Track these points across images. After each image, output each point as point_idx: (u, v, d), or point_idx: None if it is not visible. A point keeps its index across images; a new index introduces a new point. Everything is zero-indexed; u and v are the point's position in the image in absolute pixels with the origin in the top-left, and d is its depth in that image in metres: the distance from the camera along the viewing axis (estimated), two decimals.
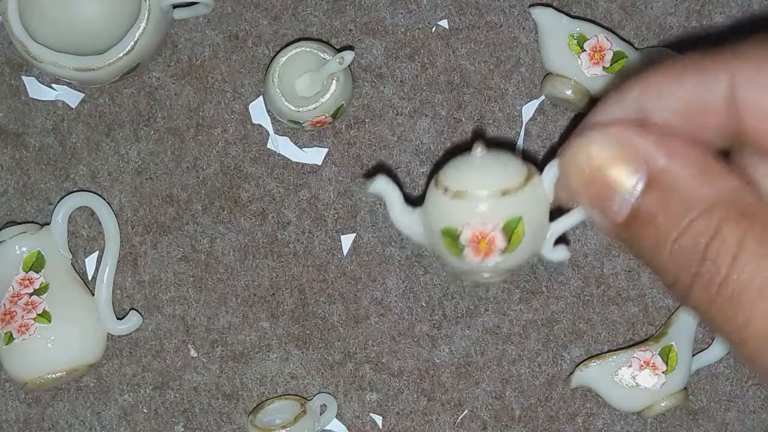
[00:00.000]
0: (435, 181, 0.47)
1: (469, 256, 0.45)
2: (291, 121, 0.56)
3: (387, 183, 0.48)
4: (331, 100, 0.55)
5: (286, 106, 0.55)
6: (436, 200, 0.46)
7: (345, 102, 0.56)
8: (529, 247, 0.47)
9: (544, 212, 0.47)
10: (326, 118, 0.55)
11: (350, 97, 0.57)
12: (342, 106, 0.56)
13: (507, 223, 0.45)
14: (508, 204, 0.45)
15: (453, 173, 0.46)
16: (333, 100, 0.55)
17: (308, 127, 0.56)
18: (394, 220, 0.49)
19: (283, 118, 0.56)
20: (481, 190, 0.45)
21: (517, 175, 0.45)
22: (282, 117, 0.56)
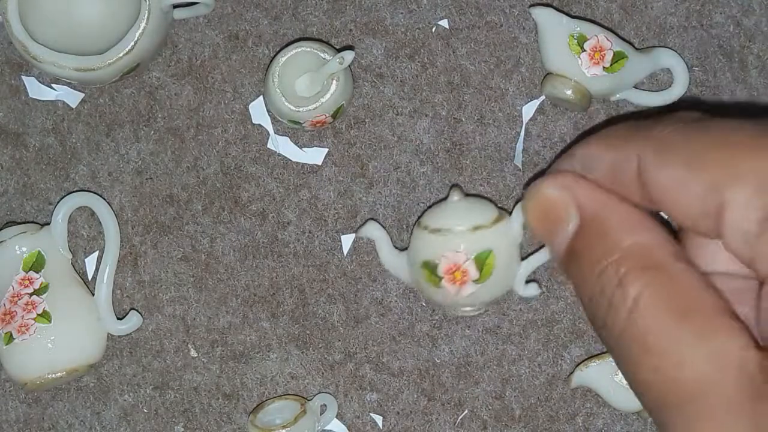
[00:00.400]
0: (418, 223, 0.54)
1: (446, 285, 0.50)
2: (291, 121, 0.56)
3: (376, 228, 0.55)
4: (331, 100, 0.55)
5: (286, 106, 0.55)
6: (418, 237, 0.53)
7: (345, 102, 0.56)
8: (501, 280, 0.52)
9: (515, 249, 0.53)
10: (326, 118, 0.55)
11: (350, 97, 0.57)
12: (342, 106, 0.56)
13: (478, 255, 0.51)
14: (480, 238, 0.51)
15: (433, 214, 0.53)
16: (333, 100, 0.55)
17: (308, 127, 0.56)
18: (382, 261, 0.56)
19: (283, 118, 0.56)
20: (456, 226, 0.51)
21: (488, 215, 0.52)
22: (282, 117, 0.56)
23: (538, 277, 0.58)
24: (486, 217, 0.52)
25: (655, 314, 0.27)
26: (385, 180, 0.59)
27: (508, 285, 0.53)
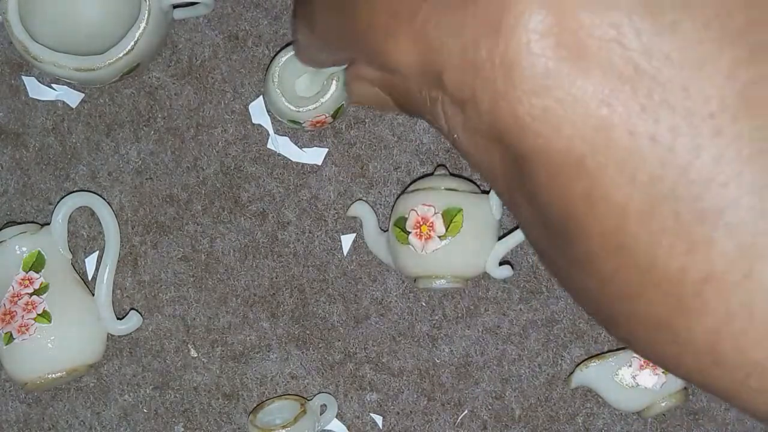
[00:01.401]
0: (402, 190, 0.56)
1: (413, 240, 0.52)
2: (291, 121, 0.56)
3: (364, 208, 0.57)
4: (331, 100, 0.55)
5: (286, 106, 0.55)
6: (397, 200, 0.55)
7: (345, 102, 0.56)
8: (471, 248, 0.54)
9: (489, 225, 0.55)
10: (326, 118, 0.55)
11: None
12: (342, 106, 0.56)
13: (447, 210, 0.53)
14: (451, 197, 0.54)
15: (415, 182, 0.56)
16: (333, 100, 0.55)
17: (308, 128, 0.56)
18: (366, 239, 0.57)
19: (283, 118, 0.56)
20: (431, 186, 0.54)
21: (465, 186, 0.55)
22: (282, 117, 0.56)
23: (538, 275, 0.58)
24: (463, 186, 0.55)
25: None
26: (385, 180, 0.59)
27: (481, 261, 0.54)
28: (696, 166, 0.25)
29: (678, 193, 0.25)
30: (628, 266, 0.27)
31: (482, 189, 0.57)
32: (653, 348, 0.28)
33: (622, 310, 0.28)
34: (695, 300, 0.26)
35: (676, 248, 0.25)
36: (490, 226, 0.55)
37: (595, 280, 0.28)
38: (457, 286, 0.55)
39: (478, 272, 0.55)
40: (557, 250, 0.29)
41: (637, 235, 0.26)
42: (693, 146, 0.25)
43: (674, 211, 0.25)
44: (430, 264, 0.54)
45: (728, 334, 0.25)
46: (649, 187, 0.25)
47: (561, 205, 0.27)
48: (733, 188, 0.25)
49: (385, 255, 0.57)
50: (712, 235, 0.25)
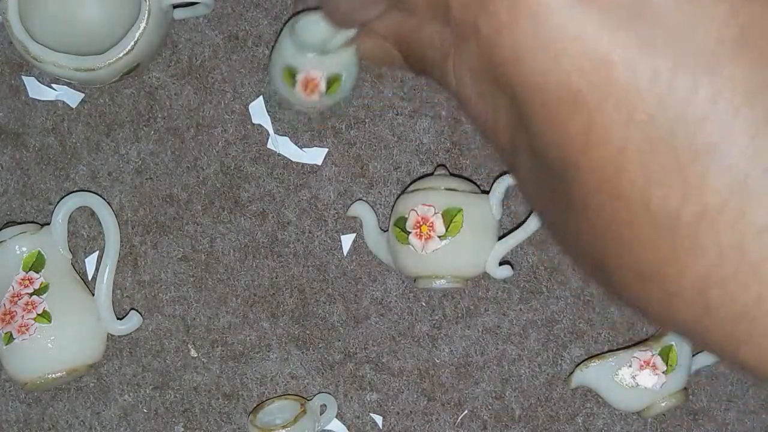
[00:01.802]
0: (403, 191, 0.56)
1: (413, 240, 0.52)
2: (287, 72, 0.53)
3: (364, 208, 0.56)
4: (334, 61, 0.52)
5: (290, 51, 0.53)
6: (398, 200, 0.55)
7: (344, 78, 0.53)
8: (471, 248, 0.54)
9: (489, 225, 0.55)
10: (319, 80, 0.53)
11: (352, 84, 0.55)
12: (340, 79, 0.53)
13: (447, 210, 0.53)
14: (452, 197, 0.54)
15: (415, 183, 0.56)
16: (336, 63, 0.53)
17: (300, 93, 0.53)
18: (366, 238, 0.56)
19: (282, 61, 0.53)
20: (431, 186, 0.54)
21: (466, 186, 0.55)
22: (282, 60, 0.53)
23: (538, 275, 0.58)
24: (463, 186, 0.55)
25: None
26: (385, 180, 0.59)
27: (481, 261, 0.54)
28: (693, 105, 0.25)
29: (675, 132, 0.25)
30: (623, 209, 0.27)
31: (482, 189, 0.57)
32: (644, 299, 0.28)
33: (614, 259, 0.28)
34: (688, 242, 0.26)
35: (672, 188, 0.26)
36: (490, 226, 0.55)
37: (591, 226, 0.28)
38: (457, 286, 0.55)
39: (478, 272, 0.55)
40: (554, 201, 0.30)
41: (634, 176, 0.26)
42: (691, 85, 0.25)
43: (671, 150, 0.25)
44: (430, 264, 0.54)
45: (719, 278, 0.26)
46: (647, 125, 0.25)
47: (559, 147, 0.27)
48: (729, 127, 0.25)
49: (385, 255, 0.57)
50: (706, 174, 0.25)
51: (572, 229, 0.29)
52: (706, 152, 0.25)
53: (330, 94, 0.54)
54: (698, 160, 0.25)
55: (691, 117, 0.25)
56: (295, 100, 0.54)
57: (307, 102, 0.54)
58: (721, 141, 0.25)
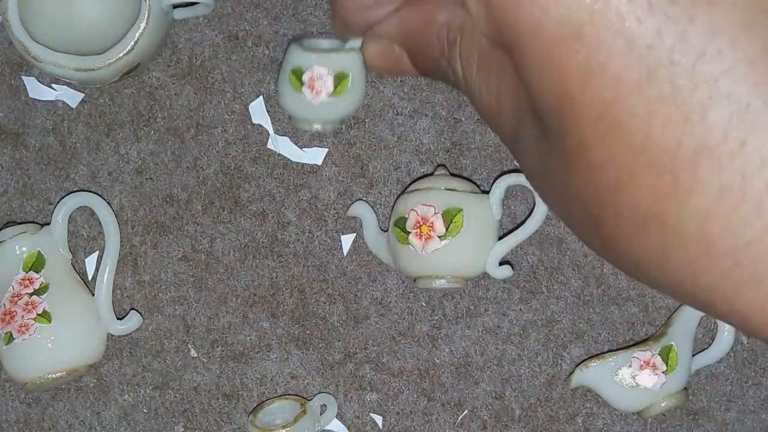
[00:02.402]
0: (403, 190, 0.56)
1: (413, 240, 0.52)
2: (293, 76, 0.53)
3: (365, 208, 0.57)
4: (342, 58, 0.52)
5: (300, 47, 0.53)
6: (398, 200, 0.55)
7: (351, 80, 0.53)
8: (471, 248, 0.54)
9: (489, 225, 0.55)
10: (326, 76, 0.53)
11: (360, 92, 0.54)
12: (347, 78, 0.53)
13: (447, 210, 0.53)
14: (451, 197, 0.54)
15: (415, 183, 0.56)
16: (343, 60, 0.53)
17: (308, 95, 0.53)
18: (366, 239, 0.57)
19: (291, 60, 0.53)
20: (431, 186, 0.54)
21: (465, 186, 0.55)
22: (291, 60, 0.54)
23: (538, 275, 0.58)
24: (463, 186, 0.55)
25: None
26: (385, 180, 0.59)
27: (481, 261, 0.54)
28: (691, 34, 0.25)
29: (674, 60, 0.25)
30: (621, 148, 0.27)
31: (482, 189, 0.57)
32: (641, 248, 0.28)
33: (610, 205, 0.28)
34: (688, 176, 0.25)
35: (671, 118, 0.25)
36: (490, 226, 0.55)
37: (587, 172, 0.28)
38: (457, 286, 0.55)
39: (478, 272, 0.55)
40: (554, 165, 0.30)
41: (632, 108, 0.26)
42: (689, 16, 0.25)
43: (670, 79, 0.25)
44: (430, 264, 0.54)
45: (719, 213, 0.25)
46: (645, 54, 0.25)
47: (558, 87, 0.27)
48: (728, 56, 0.25)
49: (385, 255, 0.57)
50: (706, 103, 0.25)
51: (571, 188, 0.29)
52: (706, 82, 0.25)
53: (337, 94, 0.53)
54: (698, 90, 0.25)
55: (690, 46, 0.25)
56: (302, 107, 0.54)
57: (314, 105, 0.53)
58: (721, 70, 0.25)
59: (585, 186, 0.28)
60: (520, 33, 0.28)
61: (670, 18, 0.25)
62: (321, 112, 0.53)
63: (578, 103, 0.27)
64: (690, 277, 0.27)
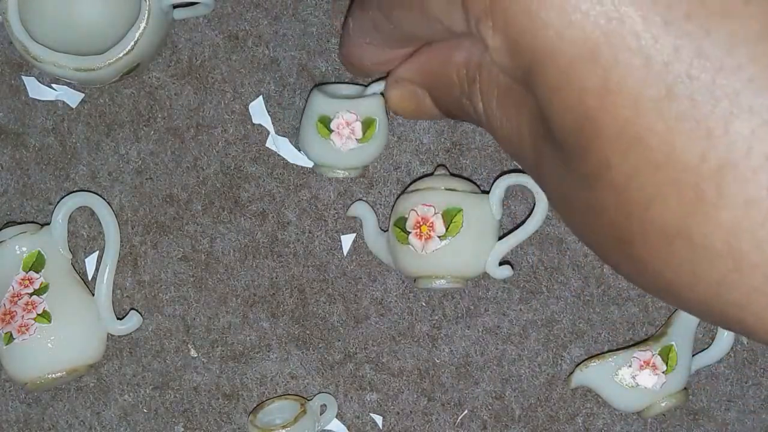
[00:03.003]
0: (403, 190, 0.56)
1: (413, 240, 0.52)
2: (320, 120, 0.54)
3: (364, 208, 0.57)
4: (368, 100, 0.54)
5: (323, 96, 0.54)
6: (397, 201, 0.55)
7: (378, 125, 0.55)
8: (472, 248, 0.54)
9: (489, 225, 0.55)
10: (356, 121, 0.54)
11: (384, 137, 0.56)
12: (375, 124, 0.54)
13: (447, 210, 0.53)
14: (451, 196, 0.54)
15: (414, 183, 0.56)
16: (369, 102, 0.54)
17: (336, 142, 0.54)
18: (366, 239, 0.57)
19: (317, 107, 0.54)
20: (431, 186, 0.54)
21: (466, 185, 0.55)
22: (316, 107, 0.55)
23: (538, 275, 0.58)
24: (463, 186, 0.55)
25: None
26: (385, 180, 0.59)
27: (481, 261, 0.54)
28: (708, 48, 0.25)
29: (693, 75, 0.25)
30: (643, 165, 0.26)
31: (482, 189, 0.57)
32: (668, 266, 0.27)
33: (637, 224, 0.27)
34: (713, 191, 0.25)
35: (693, 134, 0.25)
36: (490, 226, 0.55)
37: (611, 192, 0.28)
38: (457, 286, 0.55)
39: (478, 272, 0.55)
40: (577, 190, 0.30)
41: (652, 125, 0.26)
42: (705, 29, 0.25)
43: (689, 94, 0.25)
44: (430, 264, 0.54)
45: (746, 227, 0.25)
46: (663, 71, 0.25)
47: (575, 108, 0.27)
48: (748, 68, 0.25)
49: (385, 255, 0.57)
50: (728, 118, 0.25)
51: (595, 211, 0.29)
52: (726, 97, 0.25)
53: (366, 140, 0.55)
54: (719, 105, 0.25)
55: (707, 61, 0.25)
56: (331, 154, 0.55)
57: (343, 152, 0.54)
58: (742, 83, 0.24)
59: (609, 206, 0.28)
60: (538, 58, 0.28)
61: (687, 34, 0.25)
62: (349, 159, 0.55)
63: (598, 123, 0.27)
64: (721, 294, 0.27)
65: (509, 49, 0.29)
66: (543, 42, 0.27)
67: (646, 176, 0.26)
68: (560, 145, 0.29)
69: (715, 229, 0.26)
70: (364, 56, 0.45)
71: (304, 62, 0.59)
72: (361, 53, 0.45)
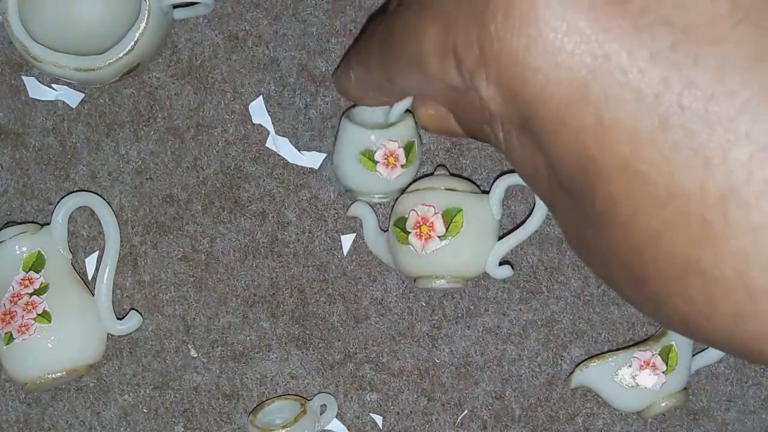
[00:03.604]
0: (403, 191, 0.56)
1: (413, 240, 0.52)
2: (364, 158, 0.54)
3: (364, 208, 0.57)
4: (401, 126, 0.54)
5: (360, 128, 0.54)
6: (397, 200, 0.55)
7: (417, 147, 0.55)
8: (472, 248, 0.54)
9: (489, 225, 0.55)
10: (398, 149, 0.54)
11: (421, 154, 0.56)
12: (414, 145, 0.55)
13: (447, 210, 0.53)
14: (451, 197, 0.54)
15: (415, 182, 0.56)
16: (404, 127, 0.54)
17: (382, 169, 0.54)
18: (366, 239, 0.57)
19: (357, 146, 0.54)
20: (431, 186, 0.54)
21: (465, 185, 0.55)
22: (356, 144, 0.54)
23: (538, 275, 0.58)
24: (463, 186, 0.55)
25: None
26: None
27: (481, 261, 0.54)
28: (698, 77, 0.25)
29: (684, 105, 0.25)
30: (647, 199, 0.26)
31: (482, 189, 0.57)
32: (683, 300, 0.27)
33: (649, 260, 0.27)
34: (719, 220, 0.25)
35: (691, 162, 0.25)
36: (490, 226, 0.55)
37: (619, 228, 0.27)
38: (457, 286, 0.55)
39: (478, 272, 0.55)
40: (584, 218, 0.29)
41: (650, 157, 0.26)
42: (692, 57, 0.25)
43: (682, 124, 0.25)
44: (430, 264, 0.54)
45: (755, 253, 0.25)
46: (654, 103, 0.25)
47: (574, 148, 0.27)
48: (740, 94, 0.24)
49: (385, 255, 0.57)
50: (725, 145, 0.24)
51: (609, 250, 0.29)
52: (720, 124, 0.24)
53: (408, 165, 0.55)
54: (715, 133, 0.25)
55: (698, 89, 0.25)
56: (377, 184, 0.55)
57: (391, 180, 0.55)
58: (735, 110, 0.24)
59: (620, 243, 0.28)
60: (531, 105, 0.28)
61: (674, 64, 0.25)
62: (395, 184, 0.55)
63: (598, 161, 0.27)
64: (738, 325, 0.26)
65: (504, 98, 0.29)
66: (534, 87, 0.27)
67: (651, 210, 0.26)
68: (567, 188, 0.29)
69: (726, 259, 0.25)
70: (365, 100, 0.46)
71: (304, 62, 0.59)
72: (361, 97, 0.46)
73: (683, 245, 0.26)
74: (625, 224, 0.27)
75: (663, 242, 0.27)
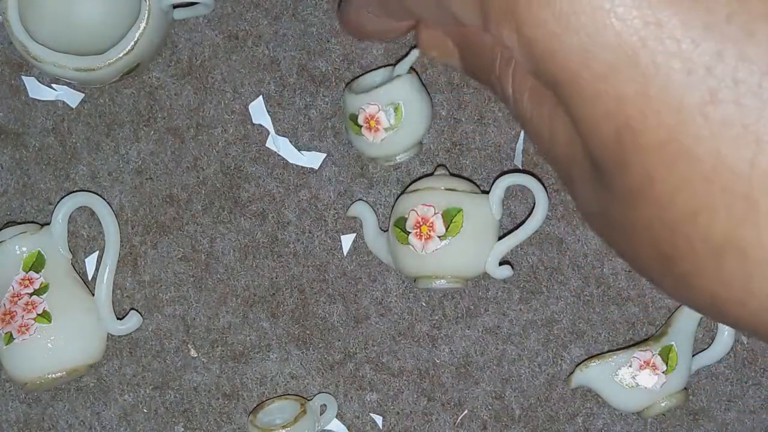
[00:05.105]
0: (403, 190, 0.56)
1: (413, 240, 0.52)
2: (352, 123, 0.55)
3: (364, 208, 0.57)
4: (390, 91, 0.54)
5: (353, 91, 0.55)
6: (398, 200, 0.55)
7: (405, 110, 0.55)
8: (472, 249, 0.54)
9: (489, 226, 0.55)
10: (379, 111, 0.54)
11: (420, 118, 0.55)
12: (400, 109, 0.54)
13: (447, 210, 0.53)
14: (451, 196, 0.54)
15: (415, 183, 0.56)
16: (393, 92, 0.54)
17: (368, 136, 0.54)
18: (366, 239, 0.57)
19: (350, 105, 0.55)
20: (431, 186, 0.54)
21: (465, 185, 0.55)
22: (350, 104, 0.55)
23: (538, 275, 0.58)
24: (463, 186, 0.55)
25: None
26: (385, 180, 0.59)
27: (481, 261, 0.54)
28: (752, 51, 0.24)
29: (738, 79, 0.24)
30: (691, 176, 0.25)
31: (482, 189, 0.57)
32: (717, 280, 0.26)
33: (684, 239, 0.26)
34: (766, 199, 0.24)
35: (741, 139, 0.24)
36: (490, 226, 0.55)
37: (654, 207, 0.26)
38: (457, 286, 0.55)
39: (478, 272, 0.55)
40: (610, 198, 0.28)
41: (698, 132, 0.25)
42: (748, 31, 0.24)
43: (735, 99, 0.24)
44: (430, 264, 0.54)
45: None
46: (706, 76, 0.24)
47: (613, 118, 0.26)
48: None
49: (385, 255, 0.57)
50: None
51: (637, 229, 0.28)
52: None
53: (396, 126, 0.54)
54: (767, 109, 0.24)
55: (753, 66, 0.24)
56: (369, 148, 0.55)
57: (378, 143, 0.55)
58: None
59: (653, 222, 0.27)
60: (569, 66, 0.27)
61: (729, 37, 0.24)
62: (387, 147, 0.55)
63: (639, 133, 0.26)
64: None
65: (531, 55, 0.28)
66: (574, 48, 0.26)
67: (695, 187, 0.25)
68: (596, 161, 0.28)
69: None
70: (365, 24, 0.43)
71: (304, 62, 0.59)
72: (362, 21, 0.43)
73: (723, 223, 0.25)
74: (662, 201, 0.26)
75: (702, 220, 0.26)
